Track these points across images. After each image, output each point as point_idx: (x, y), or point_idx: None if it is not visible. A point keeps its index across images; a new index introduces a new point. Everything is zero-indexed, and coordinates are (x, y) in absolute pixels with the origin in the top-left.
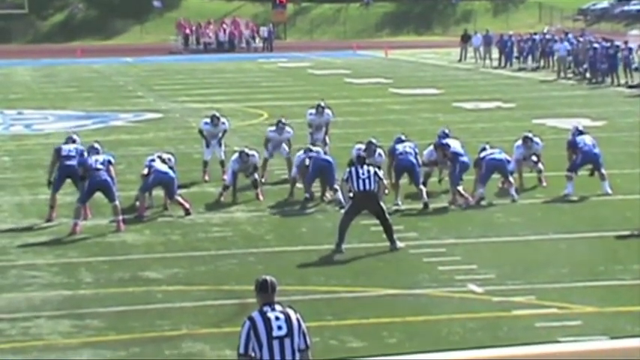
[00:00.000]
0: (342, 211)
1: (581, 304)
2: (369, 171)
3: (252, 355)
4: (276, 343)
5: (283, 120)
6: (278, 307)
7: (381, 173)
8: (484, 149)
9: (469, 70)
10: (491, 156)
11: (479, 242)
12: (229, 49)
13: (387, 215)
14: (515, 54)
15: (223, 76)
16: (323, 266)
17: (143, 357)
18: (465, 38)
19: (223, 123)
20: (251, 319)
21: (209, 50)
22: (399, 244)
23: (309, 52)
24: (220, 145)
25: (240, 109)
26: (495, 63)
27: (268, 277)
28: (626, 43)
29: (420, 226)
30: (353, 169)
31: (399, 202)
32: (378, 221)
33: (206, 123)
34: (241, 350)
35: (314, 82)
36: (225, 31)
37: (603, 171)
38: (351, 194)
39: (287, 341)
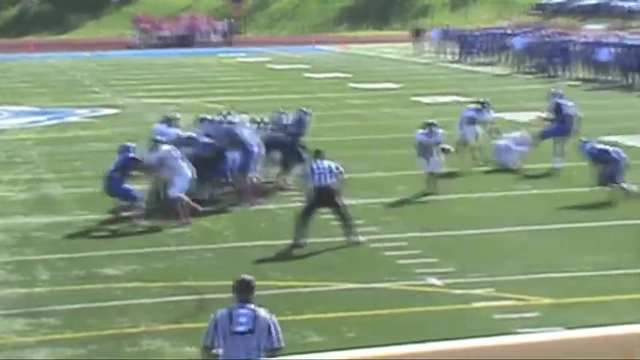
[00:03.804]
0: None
1: (539, 296)
2: (328, 165)
3: (216, 348)
4: (235, 338)
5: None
6: (251, 306)
7: (341, 167)
8: None
9: (427, 64)
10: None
11: (439, 236)
12: (188, 43)
13: (347, 210)
14: (473, 49)
15: (181, 70)
16: (282, 261)
17: (102, 354)
18: (417, 33)
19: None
20: (216, 313)
21: (167, 45)
22: (361, 238)
23: (268, 47)
24: None
25: (199, 105)
26: (453, 57)
27: (246, 277)
28: (581, 37)
29: (380, 221)
30: (311, 164)
31: None
32: (333, 215)
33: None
34: (202, 343)
35: (273, 76)
36: (183, 25)
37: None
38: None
39: (248, 337)
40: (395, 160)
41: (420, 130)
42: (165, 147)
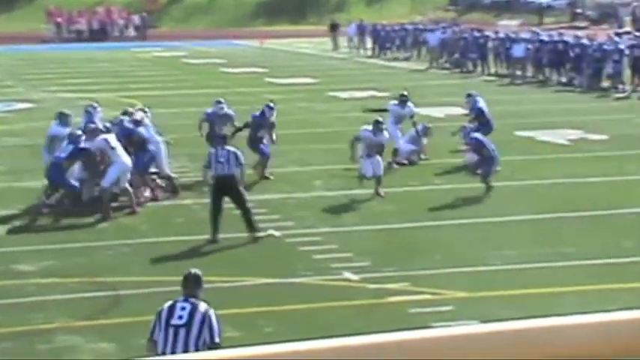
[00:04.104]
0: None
1: (454, 290)
2: (228, 153)
3: (155, 339)
4: (171, 331)
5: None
6: (193, 300)
7: (242, 157)
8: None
9: (343, 59)
10: None
11: (354, 230)
12: (102, 37)
13: (247, 201)
14: (388, 44)
15: (96, 65)
16: (198, 256)
17: (15, 352)
18: (333, 28)
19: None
20: (162, 307)
21: (81, 39)
22: (273, 232)
23: (183, 41)
24: None
25: (114, 99)
26: (369, 52)
27: (192, 271)
28: (496, 33)
29: (295, 215)
30: (213, 152)
31: None
32: (256, 211)
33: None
34: (148, 335)
35: (189, 71)
36: (98, 19)
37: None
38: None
39: (182, 331)
40: (311, 155)
41: (365, 127)
42: (103, 136)
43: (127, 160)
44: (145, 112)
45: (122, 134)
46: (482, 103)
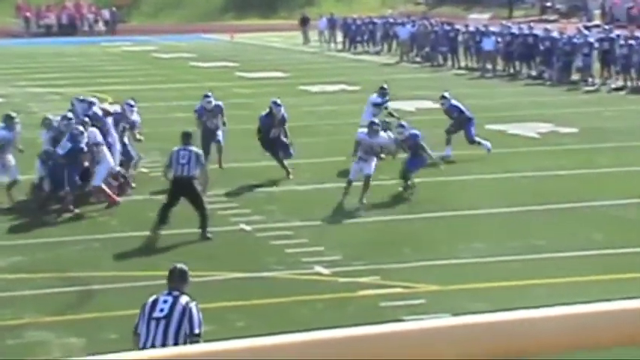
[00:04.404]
0: None
1: (425, 283)
2: (189, 154)
3: (139, 333)
4: (152, 323)
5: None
6: (175, 294)
7: (202, 158)
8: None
9: (314, 53)
10: None
11: (325, 224)
12: (71, 32)
13: (204, 204)
14: (358, 37)
15: (66, 59)
16: (170, 251)
17: None
18: (304, 21)
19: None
20: (146, 300)
21: (51, 33)
22: (244, 226)
23: (153, 36)
24: None
25: (84, 94)
26: (340, 46)
27: (178, 265)
28: (467, 26)
29: (266, 209)
30: (175, 151)
31: None
32: (221, 205)
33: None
34: (134, 329)
35: (159, 65)
36: (67, 13)
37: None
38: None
39: (162, 322)
40: None
41: (361, 130)
42: (92, 130)
43: (110, 158)
44: (132, 105)
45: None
46: (455, 101)
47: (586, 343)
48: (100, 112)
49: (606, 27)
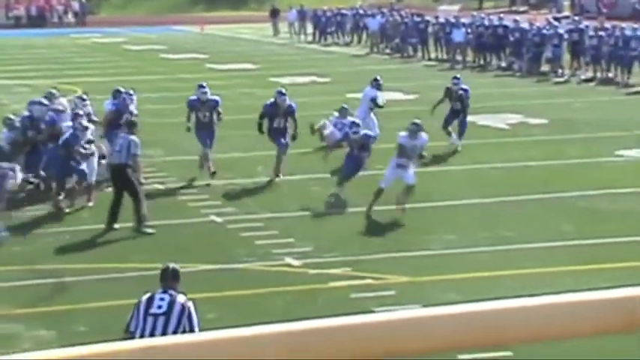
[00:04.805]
0: None
1: (395, 274)
2: (124, 142)
3: (133, 329)
4: (150, 320)
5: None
6: (172, 292)
7: (135, 146)
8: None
9: (284, 45)
10: None
11: (296, 216)
12: (41, 23)
13: (139, 194)
14: (328, 29)
15: (35, 51)
16: (140, 243)
17: None
18: (274, 13)
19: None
20: (141, 297)
21: (20, 25)
22: (214, 218)
23: (123, 28)
24: None
25: (54, 86)
26: (310, 38)
27: (170, 265)
28: (436, 18)
29: (237, 201)
30: (116, 140)
31: None
32: (192, 197)
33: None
34: (125, 327)
35: (129, 57)
36: (36, 5)
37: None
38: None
39: (161, 319)
40: (253, 141)
41: (402, 133)
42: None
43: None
44: (84, 99)
45: (49, 122)
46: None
47: (556, 333)
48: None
49: (576, 18)
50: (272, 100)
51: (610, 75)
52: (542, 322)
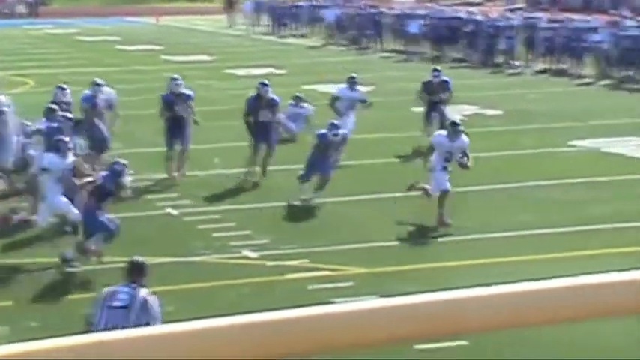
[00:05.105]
0: None
1: (353, 266)
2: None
3: (95, 322)
4: (110, 312)
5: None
6: (134, 285)
7: (83, 146)
8: None
9: (239, 36)
10: None
11: (253, 208)
12: None
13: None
14: (285, 20)
15: None
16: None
17: None
18: (229, 4)
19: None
20: (102, 291)
21: None
22: (171, 211)
23: (76, 18)
24: None
25: (5, 78)
26: (266, 29)
27: (137, 258)
28: (392, 9)
29: (193, 193)
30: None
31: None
32: (148, 189)
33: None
34: (86, 320)
35: (83, 48)
36: None
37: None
38: None
39: (121, 312)
40: (209, 133)
41: (440, 132)
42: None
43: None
44: (64, 89)
45: None
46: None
47: (514, 322)
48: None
49: (529, 10)
50: (254, 93)
51: (564, 66)
52: (500, 311)
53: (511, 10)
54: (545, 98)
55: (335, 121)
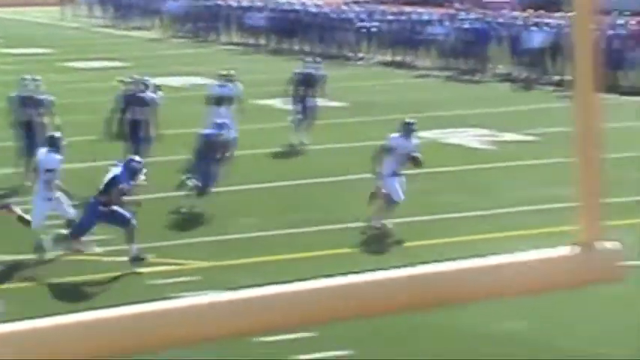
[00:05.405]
0: None
1: (196, 260)
2: None
3: None
4: None
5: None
6: None
7: None
8: None
9: (78, 28)
10: None
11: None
12: None
13: None
14: (126, 12)
15: None
16: None
17: None
18: None
19: None
20: None
21: None
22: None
23: None
24: None
25: None
26: (105, 21)
27: None
28: (230, 1)
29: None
30: None
31: None
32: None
33: None
34: None
35: None
36: None
37: None
38: None
39: None
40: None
41: (393, 135)
42: None
43: None
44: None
45: None
46: None
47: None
48: None
49: (368, 3)
50: (126, 88)
51: (407, 59)
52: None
53: (347, 3)
54: (389, 90)
55: (225, 121)
